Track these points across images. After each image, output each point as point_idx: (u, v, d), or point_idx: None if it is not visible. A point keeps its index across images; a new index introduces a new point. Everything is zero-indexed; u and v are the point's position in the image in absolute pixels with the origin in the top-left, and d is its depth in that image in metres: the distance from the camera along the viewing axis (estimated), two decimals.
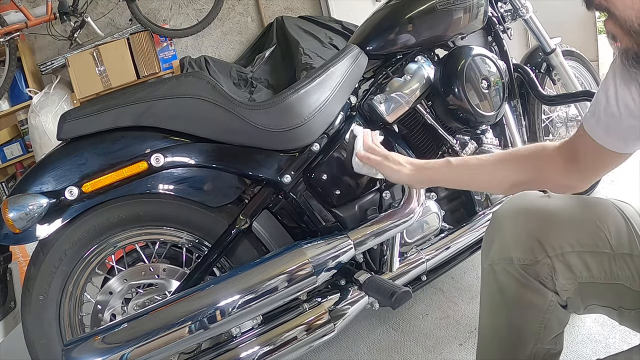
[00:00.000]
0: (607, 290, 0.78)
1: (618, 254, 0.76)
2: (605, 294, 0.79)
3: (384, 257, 1.33)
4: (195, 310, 1.00)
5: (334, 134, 1.33)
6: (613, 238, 0.77)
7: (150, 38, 3.05)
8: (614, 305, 0.80)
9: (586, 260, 0.76)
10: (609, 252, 0.76)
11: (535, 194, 0.84)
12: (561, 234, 0.76)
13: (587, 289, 0.78)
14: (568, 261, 0.76)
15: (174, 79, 1.23)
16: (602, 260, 0.76)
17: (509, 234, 0.80)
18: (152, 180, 1.13)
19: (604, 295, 0.79)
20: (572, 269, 0.76)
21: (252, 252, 1.26)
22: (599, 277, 0.77)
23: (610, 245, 0.77)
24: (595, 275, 0.77)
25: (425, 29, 1.41)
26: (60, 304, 1.17)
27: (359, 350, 1.48)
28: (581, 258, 0.76)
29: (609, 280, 0.77)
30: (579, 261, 0.76)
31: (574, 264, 0.76)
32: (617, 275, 0.77)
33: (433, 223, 1.38)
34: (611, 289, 0.77)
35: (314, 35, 3.15)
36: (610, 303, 0.80)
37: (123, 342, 0.97)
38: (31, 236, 1.08)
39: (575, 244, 0.76)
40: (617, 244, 0.76)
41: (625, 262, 0.76)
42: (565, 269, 0.76)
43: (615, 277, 0.77)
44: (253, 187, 1.27)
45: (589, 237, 0.77)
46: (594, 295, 0.80)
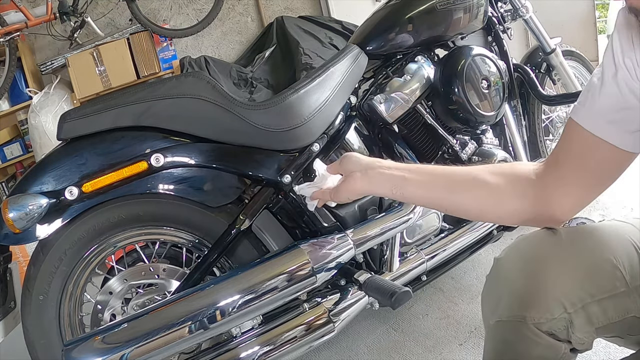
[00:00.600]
0: (619, 326, 0.72)
1: (632, 288, 0.70)
2: (616, 328, 0.73)
3: (384, 257, 1.33)
4: (195, 310, 1.00)
5: (334, 134, 1.33)
6: (628, 274, 0.70)
7: (150, 38, 3.05)
8: (621, 335, 0.75)
9: (605, 306, 0.69)
10: (625, 290, 0.70)
11: (541, 234, 0.75)
12: (580, 284, 0.68)
13: (601, 331, 0.72)
14: (588, 312, 0.69)
15: (174, 79, 1.23)
16: (618, 301, 0.70)
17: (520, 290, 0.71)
18: (152, 180, 1.13)
19: (613, 329, 0.73)
20: (592, 319, 0.69)
21: (252, 252, 1.26)
22: (614, 317, 0.70)
23: (626, 282, 0.70)
24: (611, 317, 0.70)
25: (425, 29, 1.41)
26: (60, 304, 1.17)
27: (359, 350, 1.48)
28: (600, 305, 0.69)
29: (622, 317, 0.71)
30: (598, 309, 0.69)
31: (593, 314, 0.69)
32: (630, 309, 0.71)
33: (433, 223, 1.38)
34: (623, 323, 0.72)
35: (314, 35, 3.15)
36: (619, 333, 0.75)
37: (123, 342, 0.97)
38: (31, 236, 1.08)
39: (595, 292, 0.68)
40: (632, 278, 0.70)
41: (638, 293, 0.70)
42: (584, 323, 0.69)
43: (627, 312, 0.71)
44: (253, 187, 1.27)
45: (608, 281, 0.69)
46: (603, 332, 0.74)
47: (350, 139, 1.33)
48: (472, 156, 1.48)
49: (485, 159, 1.46)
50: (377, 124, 1.39)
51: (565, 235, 0.73)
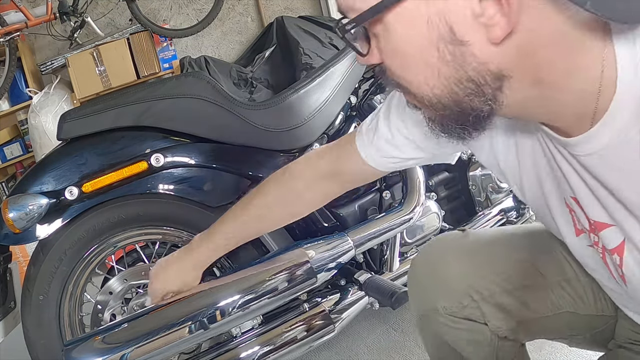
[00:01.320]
0: (554, 322, 0.75)
1: (554, 282, 0.73)
2: (553, 326, 0.76)
3: (384, 257, 1.33)
4: (195, 310, 1.00)
5: (334, 134, 1.32)
6: (544, 267, 0.74)
7: (150, 38, 3.05)
8: (563, 336, 0.78)
9: (520, 297, 0.73)
10: (543, 283, 0.73)
11: (452, 235, 0.81)
12: (484, 276, 0.73)
13: (531, 325, 0.75)
14: (499, 302, 0.73)
15: (174, 79, 1.23)
16: (538, 294, 0.73)
17: (429, 283, 0.77)
18: (152, 180, 1.13)
19: (551, 328, 0.76)
20: (506, 308, 0.73)
21: (252, 252, 1.26)
22: (543, 311, 0.73)
23: (543, 276, 0.73)
24: (538, 310, 0.73)
25: None
26: (60, 304, 1.17)
27: (359, 350, 1.48)
28: (513, 296, 0.73)
29: (555, 312, 0.74)
30: (511, 300, 0.73)
31: (507, 304, 0.73)
32: (560, 305, 0.73)
33: (433, 223, 1.38)
34: (558, 319, 0.74)
35: (314, 35, 3.15)
36: (560, 334, 0.78)
37: (123, 342, 0.97)
38: (31, 236, 1.08)
39: (503, 283, 0.73)
40: (550, 273, 0.74)
41: (562, 288, 0.73)
42: (496, 310, 0.73)
43: (558, 307, 0.74)
44: (253, 187, 1.27)
45: (516, 273, 0.73)
46: (540, 330, 0.77)
47: None
48: (472, 156, 1.48)
49: None
50: None
51: (472, 234, 0.79)
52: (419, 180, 1.28)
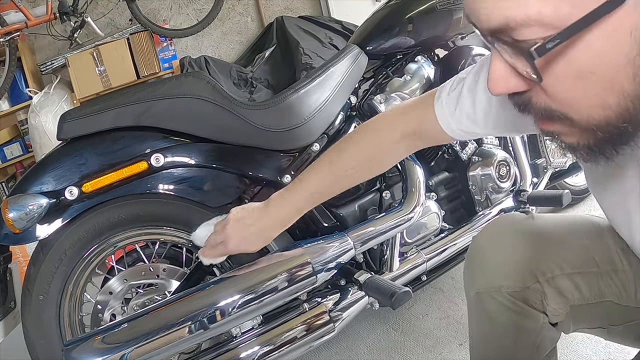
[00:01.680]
0: (597, 310, 0.76)
1: (604, 271, 0.75)
2: (596, 314, 0.77)
3: (384, 257, 1.33)
4: (195, 310, 1.00)
5: (334, 134, 1.32)
6: (597, 256, 0.75)
7: (150, 38, 3.05)
8: (603, 325, 0.79)
9: (576, 281, 0.74)
10: (596, 271, 0.75)
11: (517, 216, 0.82)
12: (549, 257, 0.74)
13: (578, 311, 0.77)
14: (558, 285, 0.74)
15: (174, 79, 1.23)
16: (590, 280, 0.75)
17: (494, 262, 0.77)
18: (152, 180, 1.13)
19: (594, 315, 0.77)
20: (564, 292, 0.74)
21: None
22: (590, 297, 0.75)
23: (597, 264, 0.75)
24: (586, 296, 0.75)
25: (425, 29, 1.41)
26: (60, 304, 1.17)
27: (359, 350, 1.48)
28: (571, 280, 0.74)
29: (598, 299, 0.75)
30: (569, 283, 0.74)
31: (565, 287, 0.74)
32: (605, 293, 0.75)
33: (433, 223, 1.38)
34: (600, 307, 0.76)
35: (314, 35, 3.15)
36: (600, 323, 0.79)
37: (123, 342, 0.97)
38: (31, 236, 1.08)
39: (564, 266, 0.74)
40: (602, 261, 0.75)
41: (610, 278, 0.75)
42: (556, 293, 0.74)
43: (603, 295, 0.75)
44: (253, 187, 1.27)
45: (576, 258, 0.75)
46: (585, 317, 0.78)
47: None
48: (472, 156, 1.48)
49: (485, 159, 1.46)
50: None
51: (537, 217, 0.80)
52: (419, 180, 1.28)
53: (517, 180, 1.52)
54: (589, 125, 0.46)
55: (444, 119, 0.82)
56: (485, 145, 1.51)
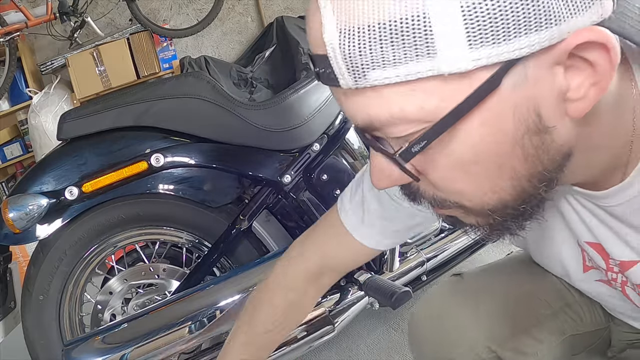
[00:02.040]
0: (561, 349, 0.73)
1: (558, 309, 0.72)
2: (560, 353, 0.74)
3: (384, 257, 1.33)
4: (195, 310, 1.00)
5: (334, 134, 1.32)
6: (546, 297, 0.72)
7: (150, 38, 3.05)
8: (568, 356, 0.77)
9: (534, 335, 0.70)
10: (550, 313, 0.72)
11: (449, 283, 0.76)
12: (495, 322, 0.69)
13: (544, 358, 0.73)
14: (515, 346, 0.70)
15: (174, 79, 1.23)
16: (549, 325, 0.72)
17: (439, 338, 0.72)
18: (152, 180, 1.14)
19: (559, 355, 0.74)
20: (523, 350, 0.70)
21: (252, 252, 1.26)
22: (552, 340, 0.72)
23: (549, 304, 0.72)
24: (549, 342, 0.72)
25: None
26: (60, 304, 1.17)
27: (359, 350, 1.48)
28: (530, 335, 0.70)
29: (561, 339, 0.73)
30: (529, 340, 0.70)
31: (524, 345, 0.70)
32: (564, 330, 0.73)
33: (433, 223, 1.38)
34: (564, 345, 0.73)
35: None
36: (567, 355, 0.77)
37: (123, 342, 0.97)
38: (31, 236, 1.08)
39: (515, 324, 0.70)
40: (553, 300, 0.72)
41: (565, 313, 0.73)
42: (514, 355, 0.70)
43: (563, 333, 0.73)
44: (253, 187, 1.27)
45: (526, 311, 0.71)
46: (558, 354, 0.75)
47: (350, 139, 1.33)
48: None
49: None
50: None
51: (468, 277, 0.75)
52: None
53: None
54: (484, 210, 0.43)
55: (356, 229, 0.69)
56: None
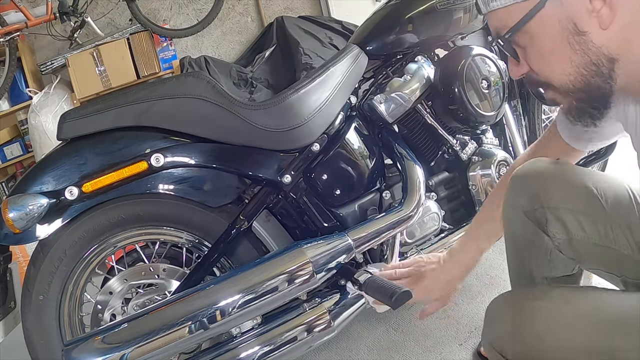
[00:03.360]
0: (606, 254, 0.84)
1: (615, 222, 0.83)
2: (604, 257, 0.85)
3: (384, 257, 1.33)
4: (195, 310, 1.00)
5: (334, 134, 1.32)
6: (609, 207, 0.83)
7: (150, 38, 3.05)
8: (616, 272, 0.86)
9: (580, 219, 0.84)
10: (603, 219, 0.83)
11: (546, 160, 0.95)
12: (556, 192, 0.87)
13: (583, 248, 0.85)
14: (560, 216, 0.85)
15: (174, 79, 1.23)
16: (596, 224, 0.84)
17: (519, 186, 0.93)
18: (152, 180, 1.13)
19: (603, 258, 0.86)
20: (565, 224, 0.85)
21: (252, 252, 1.26)
22: (594, 238, 0.84)
23: (606, 213, 0.83)
24: (590, 236, 0.84)
25: (425, 29, 1.41)
26: (60, 304, 1.17)
27: (359, 350, 1.48)
28: (574, 216, 0.84)
29: (605, 244, 0.83)
30: (571, 218, 0.85)
31: (566, 220, 0.85)
32: (614, 241, 0.83)
33: (433, 223, 1.38)
34: (609, 253, 0.84)
35: (314, 35, 3.15)
36: (612, 269, 0.87)
37: (123, 342, 0.97)
38: (31, 236, 1.08)
39: (568, 202, 0.85)
40: (614, 213, 0.83)
41: (622, 231, 0.83)
42: (556, 221, 0.86)
43: (611, 242, 0.83)
44: (253, 187, 1.27)
45: (581, 200, 0.85)
46: (593, 257, 0.87)
47: (350, 139, 1.34)
48: (472, 156, 1.48)
49: (485, 159, 1.46)
50: (377, 124, 1.39)
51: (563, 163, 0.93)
52: (419, 180, 1.28)
53: None
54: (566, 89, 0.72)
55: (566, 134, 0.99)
56: (485, 145, 1.51)
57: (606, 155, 1.67)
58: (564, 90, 0.72)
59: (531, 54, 0.72)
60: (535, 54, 0.72)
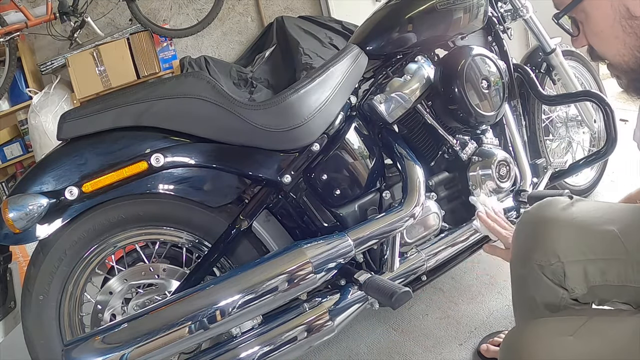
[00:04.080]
0: (624, 292, 0.80)
1: (635, 260, 0.78)
2: (621, 294, 0.81)
3: (384, 257, 1.33)
4: (195, 310, 1.00)
5: (334, 134, 1.32)
6: (631, 245, 0.79)
7: (150, 38, 3.05)
8: (632, 304, 0.83)
9: (600, 266, 0.80)
10: (624, 258, 0.78)
11: (561, 201, 0.89)
12: (575, 244, 0.81)
13: (600, 290, 0.81)
14: (580, 268, 0.80)
15: (174, 79, 1.23)
16: (617, 266, 0.79)
17: (530, 236, 0.88)
18: (152, 180, 1.13)
19: (619, 295, 0.82)
20: (586, 274, 0.80)
21: (252, 252, 1.26)
22: (613, 280, 0.80)
23: (627, 252, 0.79)
24: (609, 279, 0.80)
25: (425, 29, 1.41)
26: (60, 304, 1.17)
27: (359, 350, 1.48)
28: (595, 265, 0.80)
29: (624, 283, 0.79)
30: (592, 268, 0.80)
31: (587, 271, 0.80)
32: (633, 279, 0.79)
33: (433, 223, 1.38)
34: (628, 290, 0.80)
35: (314, 35, 3.15)
36: (628, 301, 0.83)
37: (123, 342, 0.97)
38: (31, 236, 1.08)
39: (588, 252, 0.80)
40: (635, 250, 0.78)
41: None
42: (576, 275, 0.81)
43: (630, 280, 0.79)
44: (253, 187, 1.27)
45: (603, 246, 0.80)
46: (609, 296, 0.83)
47: (350, 139, 1.34)
48: (472, 156, 1.48)
49: (485, 159, 1.46)
50: (377, 124, 1.39)
51: (578, 203, 0.88)
52: (419, 180, 1.28)
53: (517, 180, 1.52)
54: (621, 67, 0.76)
55: None
56: (485, 145, 1.51)
57: (606, 155, 1.67)
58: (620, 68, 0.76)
59: (587, 31, 0.77)
60: (590, 31, 0.77)
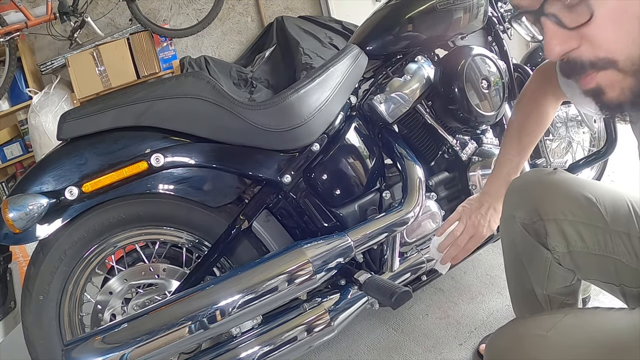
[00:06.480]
0: (605, 264, 0.84)
1: (614, 230, 0.83)
2: (603, 267, 0.85)
3: (384, 257, 1.33)
4: (195, 310, 1.00)
5: (334, 134, 1.32)
6: (608, 215, 0.83)
7: (150, 38, 3.05)
8: (615, 282, 0.85)
9: (579, 229, 0.84)
10: (602, 227, 0.83)
11: (546, 170, 0.95)
12: (554, 203, 0.87)
13: (582, 258, 0.86)
14: (560, 227, 0.86)
15: (174, 79, 1.23)
16: (595, 233, 0.84)
17: (517, 198, 0.94)
18: (152, 180, 1.13)
19: (602, 268, 0.85)
20: (565, 235, 0.85)
21: (252, 252, 1.26)
22: (593, 248, 0.84)
23: (605, 221, 0.83)
24: (590, 246, 0.84)
25: (425, 28, 1.41)
26: (60, 304, 1.17)
27: (359, 350, 1.48)
28: (574, 227, 0.85)
29: (604, 253, 0.83)
30: (571, 229, 0.85)
31: (566, 231, 0.85)
32: (613, 250, 0.83)
33: (433, 223, 1.38)
34: (608, 262, 0.84)
35: (314, 35, 3.15)
36: (611, 279, 0.86)
37: (123, 342, 0.97)
38: (31, 236, 1.08)
39: (567, 213, 0.85)
40: (613, 221, 0.83)
41: (621, 239, 0.82)
42: (556, 233, 0.86)
43: (610, 251, 0.83)
44: (253, 187, 1.27)
45: (581, 210, 0.85)
46: (591, 267, 0.86)
47: (350, 139, 1.34)
48: (472, 156, 1.48)
49: (485, 159, 1.46)
50: (377, 124, 1.39)
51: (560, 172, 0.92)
52: (419, 180, 1.28)
53: None
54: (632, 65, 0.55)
55: None
56: (485, 145, 1.51)
57: (606, 155, 1.67)
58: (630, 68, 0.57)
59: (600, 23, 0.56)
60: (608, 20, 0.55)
